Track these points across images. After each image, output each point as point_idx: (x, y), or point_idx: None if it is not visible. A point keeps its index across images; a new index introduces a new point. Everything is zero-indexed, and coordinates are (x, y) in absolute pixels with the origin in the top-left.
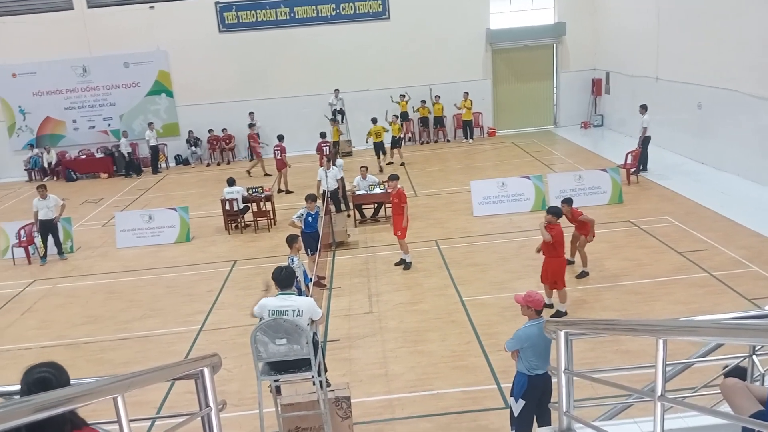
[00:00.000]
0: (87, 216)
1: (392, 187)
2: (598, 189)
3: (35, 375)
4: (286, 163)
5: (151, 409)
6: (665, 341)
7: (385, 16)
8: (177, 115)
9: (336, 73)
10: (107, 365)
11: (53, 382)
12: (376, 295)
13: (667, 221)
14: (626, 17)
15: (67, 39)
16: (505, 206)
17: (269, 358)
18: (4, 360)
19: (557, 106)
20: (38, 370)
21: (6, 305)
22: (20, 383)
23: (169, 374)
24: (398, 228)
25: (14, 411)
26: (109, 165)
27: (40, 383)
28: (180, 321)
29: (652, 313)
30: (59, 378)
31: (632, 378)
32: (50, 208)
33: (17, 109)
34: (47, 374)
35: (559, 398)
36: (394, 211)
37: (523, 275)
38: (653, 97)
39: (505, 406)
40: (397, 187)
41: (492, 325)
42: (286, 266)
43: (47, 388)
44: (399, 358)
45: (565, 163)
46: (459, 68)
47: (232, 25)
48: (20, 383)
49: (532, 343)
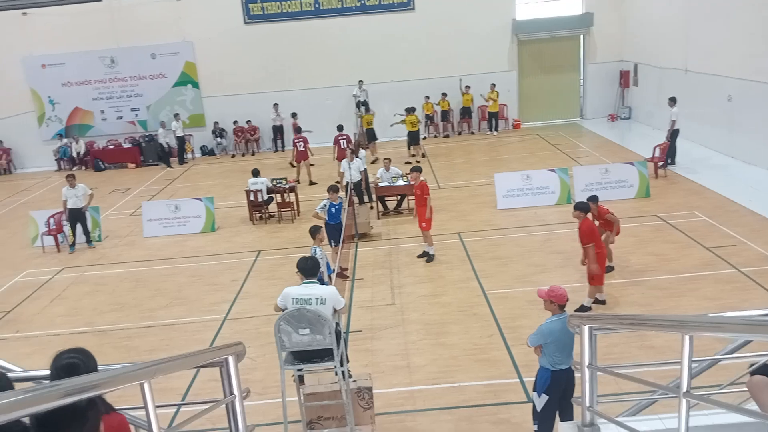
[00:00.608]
0: (115, 205)
1: (414, 179)
2: (624, 182)
3: (64, 360)
4: (308, 154)
5: (176, 396)
6: (691, 337)
7: (410, 7)
8: (203, 106)
9: (360, 64)
10: (133, 352)
11: (81, 367)
12: (399, 287)
13: (695, 216)
14: (655, 8)
15: (96, 30)
16: (529, 199)
17: (292, 347)
18: (33, 346)
19: (584, 98)
20: (67, 355)
21: (35, 292)
22: (49, 368)
23: (194, 362)
24: (422, 219)
25: (43, 395)
26: (136, 155)
27: (68, 369)
28: (205, 310)
29: (678, 309)
30: (87, 364)
31: (657, 374)
32: (79, 197)
33: (47, 100)
34: (75, 360)
35: (582, 393)
36: (418, 203)
37: (547, 269)
38: (682, 89)
39: (527, 400)
40: (419, 179)
41: (515, 319)
42: (311, 256)
43: (75, 374)
44: (421, 350)
45: (591, 156)
46: (484, 60)
47: (257, 16)
48: (49, 368)
49: (555, 338)
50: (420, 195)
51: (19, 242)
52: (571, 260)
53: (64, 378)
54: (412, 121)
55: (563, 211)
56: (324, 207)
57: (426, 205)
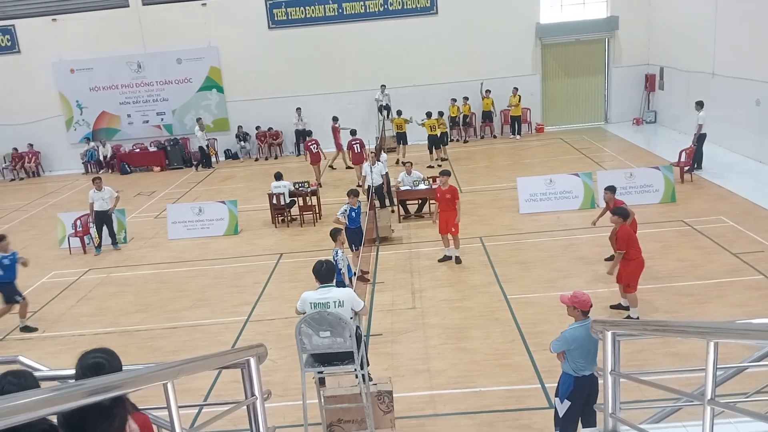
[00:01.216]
0: (140, 208)
1: (444, 183)
2: (650, 187)
3: (89, 360)
4: (321, 156)
5: (198, 397)
6: (716, 344)
7: (433, 11)
8: (227, 110)
9: (383, 68)
10: (157, 352)
11: (106, 367)
12: (420, 290)
13: (722, 221)
14: (681, 10)
15: (123, 36)
16: (552, 204)
17: (313, 350)
18: (59, 345)
19: (608, 101)
20: (92, 355)
21: (62, 293)
22: (75, 367)
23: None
24: (452, 224)
25: (68, 394)
26: (161, 159)
27: (94, 368)
28: (227, 311)
29: (704, 316)
30: (112, 363)
31: (682, 381)
32: (105, 200)
33: (75, 104)
34: (101, 359)
35: (605, 399)
36: (447, 207)
37: (570, 274)
38: (709, 93)
39: (549, 405)
40: (448, 183)
41: (537, 324)
42: (327, 260)
43: (100, 373)
44: (441, 355)
45: (615, 160)
46: (507, 63)
47: (281, 21)
48: (75, 367)
49: (579, 344)
50: (450, 199)
51: (46, 243)
52: (594, 265)
53: (90, 377)
54: (432, 125)
55: (587, 216)
56: (345, 212)
57: (456, 209)
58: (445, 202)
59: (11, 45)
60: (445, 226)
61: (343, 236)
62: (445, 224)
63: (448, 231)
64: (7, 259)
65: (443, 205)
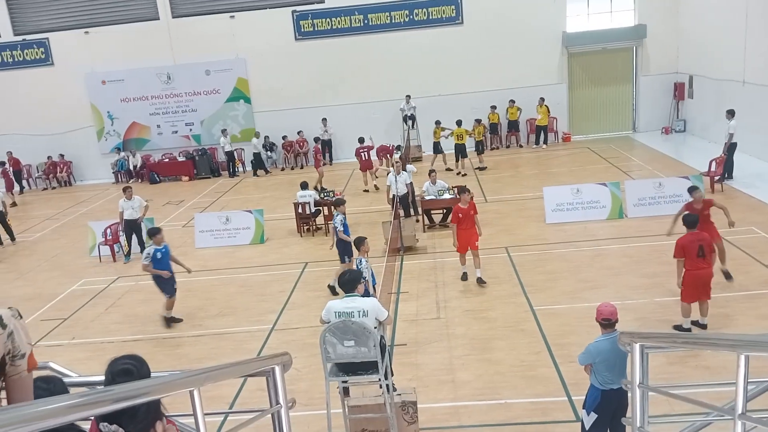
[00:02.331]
0: (168, 216)
1: (464, 201)
2: (679, 197)
3: (119, 366)
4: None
5: (224, 405)
6: (747, 357)
7: (459, 20)
8: (254, 120)
9: (409, 78)
10: (184, 360)
11: (134, 373)
12: (444, 300)
13: (754, 232)
14: (711, 17)
15: (153, 48)
16: (579, 214)
17: (337, 359)
18: (88, 351)
19: (636, 110)
20: (122, 361)
21: (92, 300)
22: (105, 373)
23: (242, 370)
24: (476, 239)
25: (97, 400)
26: (190, 168)
27: (123, 374)
28: (253, 320)
29: (735, 328)
30: (140, 369)
31: (712, 395)
32: (135, 209)
33: (106, 115)
34: (129, 366)
35: (633, 413)
36: (469, 225)
37: (597, 285)
38: (740, 101)
39: (576, 419)
40: (468, 201)
41: (564, 336)
42: (350, 270)
43: (129, 379)
44: (466, 365)
45: (644, 169)
46: (533, 72)
47: (307, 32)
48: (105, 373)
49: (604, 357)
50: (472, 215)
51: (77, 251)
52: (622, 276)
53: (119, 383)
54: (460, 134)
55: (614, 226)
56: (342, 222)
57: (476, 224)
58: (469, 219)
59: (45, 57)
60: (466, 244)
61: (367, 245)
62: (466, 243)
63: (468, 249)
64: (159, 252)
65: (466, 224)
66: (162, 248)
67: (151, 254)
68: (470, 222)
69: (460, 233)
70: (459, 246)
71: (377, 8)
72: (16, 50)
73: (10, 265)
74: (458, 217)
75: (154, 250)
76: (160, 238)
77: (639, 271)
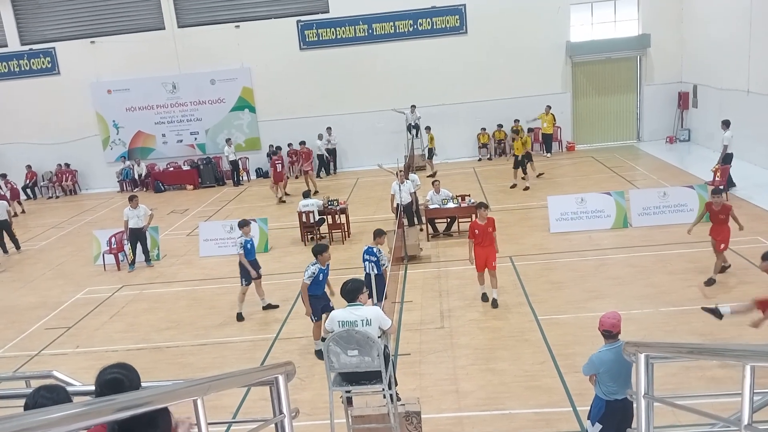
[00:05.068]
0: (173, 225)
1: (482, 217)
2: (684, 206)
3: (107, 376)
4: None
5: (227, 414)
6: (753, 367)
7: (463, 30)
8: (258, 129)
9: (413, 88)
10: (187, 369)
11: (125, 382)
12: (448, 310)
13: (759, 241)
14: (715, 27)
15: (159, 57)
16: (584, 223)
17: (341, 368)
18: (92, 360)
19: (640, 120)
20: (110, 371)
21: (96, 309)
22: (94, 384)
23: (246, 380)
24: (494, 258)
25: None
26: (194, 177)
27: (112, 384)
28: (256, 329)
29: (741, 338)
30: (130, 378)
31: (717, 406)
32: (140, 218)
33: (111, 124)
34: (118, 375)
35: (638, 424)
36: (488, 242)
37: (601, 295)
38: (744, 111)
39: (580, 429)
40: (485, 217)
41: (568, 346)
42: (351, 280)
43: (119, 388)
44: (470, 375)
45: (648, 178)
46: (538, 82)
47: (312, 42)
48: (94, 384)
49: (608, 368)
50: (491, 232)
51: (82, 260)
52: (627, 286)
53: (107, 394)
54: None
55: (619, 235)
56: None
57: (494, 241)
58: (487, 237)
59: (51, 67)
60: (485, 263)
61: (383, 238)
62: (484, 261)
63: (486, 267)
64: (249, 243)
65: (484, 241)
66: (250, 240)
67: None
68: (489, 239)
69: (477, 251)
70: (477, 264)
71: (382, 18)
72: (22, 60)
73: (15, 274)
74: (474, 234)
75: (245, 241)
76: (247, 230)
77: (644, 281)
